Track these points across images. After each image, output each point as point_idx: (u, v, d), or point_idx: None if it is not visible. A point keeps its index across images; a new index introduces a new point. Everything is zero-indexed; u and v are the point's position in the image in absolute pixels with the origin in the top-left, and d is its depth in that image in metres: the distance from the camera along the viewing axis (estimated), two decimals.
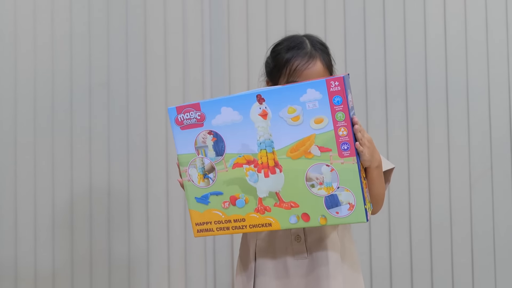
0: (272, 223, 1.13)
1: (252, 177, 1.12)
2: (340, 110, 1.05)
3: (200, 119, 1.12)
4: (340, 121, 1.05)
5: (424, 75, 1.97)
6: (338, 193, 1.08)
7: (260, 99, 1.08)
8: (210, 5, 2.04)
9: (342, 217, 1.09)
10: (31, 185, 2.05)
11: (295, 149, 1.08)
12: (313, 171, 1.08)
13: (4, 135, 2.06)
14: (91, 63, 2.06)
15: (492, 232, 1.94)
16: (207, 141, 1.12)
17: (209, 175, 1.14)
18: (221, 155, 1.12)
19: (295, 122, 1.07)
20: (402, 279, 1.95)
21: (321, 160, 1.07)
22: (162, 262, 2.02)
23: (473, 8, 1.97)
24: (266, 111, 1.08)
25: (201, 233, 1.17)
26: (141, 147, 2.04)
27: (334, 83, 1.04)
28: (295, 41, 1.27)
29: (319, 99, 1.05)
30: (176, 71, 2.04)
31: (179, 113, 1.13)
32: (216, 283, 2.01)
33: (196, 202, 1.16)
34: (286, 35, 1.37)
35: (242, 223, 1.14)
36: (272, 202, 1.12)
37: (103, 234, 2.03)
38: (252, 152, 1.11)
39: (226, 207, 1.15)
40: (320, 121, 1.06)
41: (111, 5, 2.07)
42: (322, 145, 1.07)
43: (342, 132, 1.06)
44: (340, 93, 1.05)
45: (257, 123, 1.09)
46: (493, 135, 1.95)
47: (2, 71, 2.07)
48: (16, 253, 2.05)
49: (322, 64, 1.23)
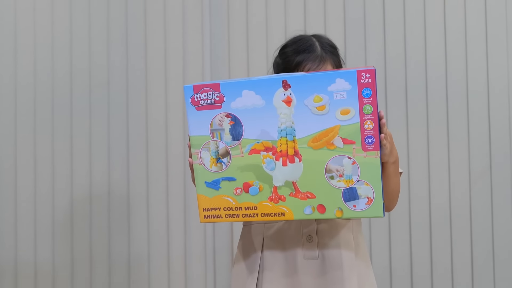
0: (286, 213, 1.09)
1: (269, 164, 1.08)
2: (369, 103, 1.02)
3: (218, 101, 1.07)
4: (367, 114, 1.02)
5: (424, 75, 1.98)
6: (358, 187, 1.05)
7: (286, 84, 1.04)
8: (210, 4, 2.04)
9: (359, 211, 1.06)
10: (31, 185, 2.05)
11: (317, 139, 1.05)
12: (333, 163, 1.05)
13: (4, 135, 2.06)
14: (91, 63, 2.06)
15: (491, 231, 1.94)
16: (224, 124, 1.07)
17: (222, 159, 1.09)
18: (238, 139, 1.08)
19: (320, 112, 1.04)
20: (402, 278, 1.96)
21: (343, 152, 1.04)
22: (162, 262, 2.02)
23: (473, 7, 1.97)
24: (291, 97, 1.04)
25: (208, 219, 1.13)
26: (141, 147, 2.04)
27: (365, 75, 1.01)
28: (305, 43, 1.25)
29: (348, 89, 1.02)
30: (176, 71, 2.05)
31: (196, 92, 1.07)
32: (216, 283, 2.01)
33: (206, 186, 1.11)
34: (286, 35, 1.37)
35: (254, 211, 1.10)
36: (288, 191, 1.08)
37: (103, 233, 2.03)
38: (271, 139, 1.06)
39: (238, 194, 1.10)
40: (347, 113, 1.03)
41: (111, 5, 2.07)
42: (346, 137, 1.04)
43: (368, 126, 1.03)
44: (370, 85, 1.02)
45: (279, 109, 1.05)
46: (492, 135, 1.95)
47: (2, 71, 2.07)
48: (16, 253, 2.05)
49: (333, 67, 1.22)
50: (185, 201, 2.02)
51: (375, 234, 1.97)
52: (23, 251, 2.04)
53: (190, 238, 2.02)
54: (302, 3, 2.02)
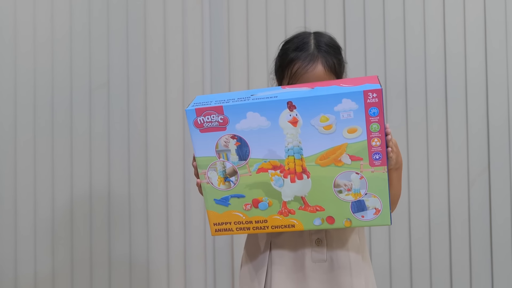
0: (296, 225, 1.10)
1: (277, 181, 1.08)
2: (376, 121, 1.02)
3: (222, 123, 1.05)
4: (374, 132, 1.02)
5: (423, 75, 1.97)
6: (366, 199, 1.07)
7: (291, 106, 1.03)
8: (210, 5, 2.04)
9: (367, 221, 1.08)
10: (31, 185, 2.05)
11: (324, 156, 1.05)
12: (341, 178, 1.06)
13: (4, 135, 2.06)
14: (91, 63, 2.06)
15: (490, 231, 1.94)
16: (229, 145, 1.06)
17: (230, 178, 1.09)
18: (245, 159, 1.07)
19: (327, 131, 1.03)
20: (401, 278, 1.96)
21: (351, 168, 1.05)
22: (162, 262, 2.02)
23: (473, 8, 1.97)
24: (297, 118, 1.03)
25: (219, 232, 1.13)
26: (141, 147, 2.04)
27: (372, 95, 1.00)
28: (301, 41, 1.23)
29: (354, 109, 1.01)
30: (176, 71, 2.04)
31: (199, 115, 1.05)
32: (216, 283, 2.01)
33: (215, 203, 1.11)
34: (286, 35, 1.36)
35: (264, 224, 1.11)
36: (297, 205, 1.09)
37: (103, 234, 2.03)
38: (278, 158, 1.06)
39: (248, 209, 1.10)
40: (354, 131, 1.03)
41: (111, 5, 2.07)
42: (353, 154, 1.04)
43: (375, 143, 1.03)
44: (377, 104, 1.01)
45: (286, 130, 1.04)
46: (491, 135, 1.95)
47: (2, 71, 2.07)
48: (16, 253, 2.05)
49: (324, 67, 1.20)
50: (185, 201, 2.02)
51: (375, 234, 1.97)
52: (22, 251, 2.04)
53: (190, 238, 2.02)
54: (302, 3, 2.02)
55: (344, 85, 1.04)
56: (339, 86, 1.04)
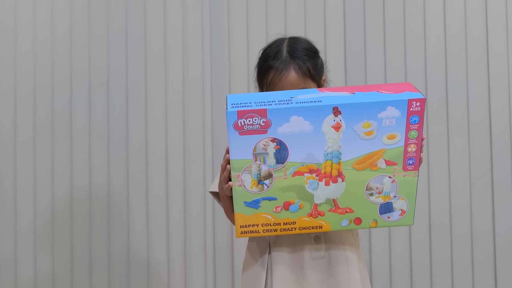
0: (323, 226, 1.11)
1: (311, 185, 1.08)
2: (415, 129, 1.04)
3: (264, 126, 1.04)
4: (412, 138, 1.04)
5: (424, 76, 1.97)
6: (394, 201, 1.09)
7: (337, 111, 1.03)
8: (210, 5, 2.04)
9: (392, 221, 1.11)
10: (30, 184, 2.05)
11: (362, 161, 1.06)
12: (374, 182, 1.08)
13: (4, 135, 2.06)
14: (91, 63, 2.06)
15: (492, 232, 1.94)
16: (268, 148, 1.05)
17: (264, 181, 1.08)
18: (282, 163, 1.06)
19: (368, 136, 1.04)
20: (401, 278, 1.95)
21: (385, 172, 1.07)
22: (162, 262, 2.02)
23: (473, 8, 1.97)
24: (340, 123, 1.03)
25: (245, 234, 1.12)
26: (141, 146, 2.04)
27: (416, 104, 1.02)
28: (274, 49, 1.27)
29: (397, 117, 1.03)
30: (176, 71, 2.04)
31: (240, 117, 1.03)
32: (216, 283, 2.01)
33: (245, 206, 1.10)
34: (286, 34, 1.37)
35: (292, 226, 1.11)
36: (328, 207, 1.10)
37: (103, 233, 2.03)
38: (316, 162, 1.06)
39: (278, 212, 1.10)
40: (393, 137, 1.04)
41: (111, 5, 2.06)
42: (389, 159, 1.06)
43: (411, 149, 1.05)
44: (419, 113, 1.03)
45: (328, 135, 1.04)
46: (493, 135, 1.95)
47: (2, 70, 2.07)
48: (16, 251, 2.05)
49: (297, 73, 1.22)
50: (185, 200, 2.02)
51: (375, 235, 1.97)
52: (22, 250, 2.04)
53: (190, 238, 2.01)
54: (302, 3, 2.02)
55: (384, 92, 1.05)
56: (379, 93, 1.05)
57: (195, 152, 2.02)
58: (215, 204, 2.01)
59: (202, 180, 2.01)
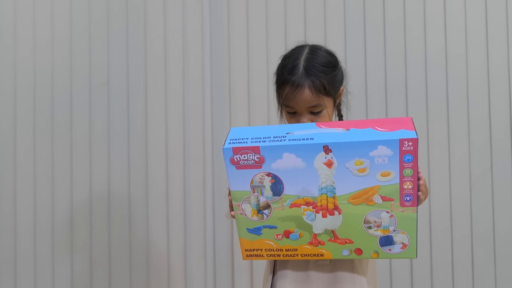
0: (324, 254, 1.14)
1: (309, 216, 1.10)
2: (409, 167, 1.04)
3: (258, 162, 1.08)
4: (407, 176, 1.05)
5: (424, 76, 1.97)
6: (394, 235, 1.10)
7: (327, 149, 1.04)
8: (210, 5, 2.04)
9: (394, 253, 1.13)
10: (30, 185, 2.05)
11: (357, 196, 1.07)
12: (372, 216, 1.09)
13: (4, 135, 2.06)
14: (91, 63, 2.07)
15: (492, 232, 1.94)
16: (264, 181, 1.09)
17: (263, 211, 1.12)
18: (279, 195, 1.09)
19: (361, 173, 1.05)
20: (402, 278, 1.95)
21: (382, 207, 1.07)
22: (162, 262, 2.02)
23: (473, 8, 1.97)
24: (332, 161, 1.05)
25: (251, 257, 1.17)
26: (141, 147, 2.04)
27: (408, 143, 1.02)
28: (292, 62, 1.27)
29: (389, 155, 1.03)
30: (176, 71, 2.05)
31: (235, 153, 1.08)
32: (216, 283, 2.01)
33: (248, 232, 1.15)
34: (286, 35, 1.37)
35: (294, 252, 1.15)
36: (327, 237, 1.12)
37: (103, 234, 2.03)
38: (312, 195, 1.08)
39: (279, 239, 1.14)
40: (387, 175, 1.05)
41: (111, 5, 2.07)
42: (385, 195, 1.06)
43: (407, 186, 1.05)
44: (412, 152, 1.03)
45: (320, 171, 1.06)
46: (493, 135, 1.95)
47: (2, 71, 2.07)
48: (16, 253, 2.05)
49: (311, 91, 1.23)
50: (185, 201, 2.02)
51: None
52: (22, 250, 2.04)
53: (190, 238, 2.02)
54: (302, 4, 2.02)
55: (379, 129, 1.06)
56: (374, 130, 1.05)
57: (195, 152, 2.02)
58: (215, 204, 2.01)
59: (202, 180, 2.02)
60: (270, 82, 2.00)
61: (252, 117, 2.01)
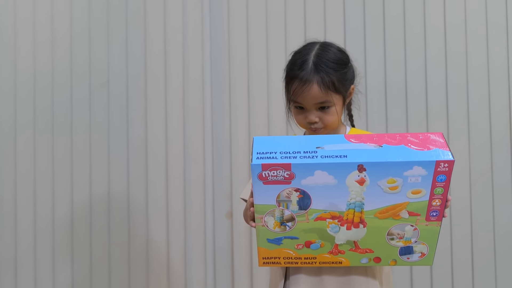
0: (343, 262, 1.14)
1: (333, 228, 1.10)
2: (441, 186, 1.04)
3: (288, 178, 1.04)
4: (437, 194, 1.05)
5: (424, 76, 1.97)
6: (414, 246, 1.11)
7: (362, 168, 1.02)
8: (210, 5, 2.04)
9: (411, 261, 1.13)
10: (30, 185, 2.05)
11: (384, 211, 1.07)
12: (396, 229, 1.09)
13: (4, 135, 2.06)
14: (91, 63, 2.07)
15: (492, 232, 1.94)
16: (291, 196, 1.06)
17: (287, 223, 1.10)
18: (305, 209, 1.07)
19: (392, 191, 1.04)
20: (402, 278, 1.95)
21: (407, 221, 1.08)
22: (162, 262, 2.02)
23: (474, 8, 1.97)
24: (365, 179, 1.03)
25: (267, 264, 1.16)
26: (141, 147, 2.04)
27: (444, 165, 1.01)
28: (302, 57, 1.26)
29: (423, 175, 1.02)
30: (176, 71, 2.04)
31: (264, 170, 1.04)
32: (216, 283, 2.01)
33: (267, 242, 1.13)
34: (286, 35, 1.37)
35: (313, 260, 1.14)
36: (348, 247, 1.12)
37: (103, 234, 2.03)
38: (339, 210, 1.07)
39: (299, 249, 1.13)
40: (418, 192, 1.04)
41: (111, 5, 2.07)
42: (412, 211, 1.06)
43: (435, 203, 1.06)
44: (446, 173, 1.02)
45: (351, 188, 1.04)
46: (493, 135, 1.95)
47: (2, 71, 2.07)
48: (16, 253, 2.05)
49: (320, 87, 1.22)
50: (185, 201, 2.02)
51: None
52: (22, 251, 2.04)
53: (190, 238, 2.02)
54: (302, 3, 2.02)
55: (412, 147, 1.04)
56: (408, 148, 1.04)
57: (195, 152, 2.02)
58: (215, 205, 2.01)
59: (202, 180, 2.02)
60: (270, 82, 2.00)
61: (252, 117, 2.01)
